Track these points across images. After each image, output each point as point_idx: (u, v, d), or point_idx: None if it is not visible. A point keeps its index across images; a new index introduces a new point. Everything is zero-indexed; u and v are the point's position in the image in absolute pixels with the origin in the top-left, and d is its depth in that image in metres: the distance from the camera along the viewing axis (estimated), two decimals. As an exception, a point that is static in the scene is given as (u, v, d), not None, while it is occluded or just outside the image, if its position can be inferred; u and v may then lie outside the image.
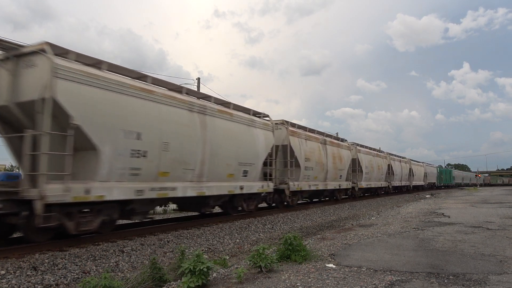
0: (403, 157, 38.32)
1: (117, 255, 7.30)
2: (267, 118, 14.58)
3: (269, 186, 14.01)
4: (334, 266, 5.39)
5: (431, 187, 52.65)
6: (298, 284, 4.52)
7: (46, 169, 6.69)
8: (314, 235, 9.58)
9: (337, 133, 23.11)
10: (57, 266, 6.30)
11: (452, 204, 18.38)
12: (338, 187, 20.52)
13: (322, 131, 19.90)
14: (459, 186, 71.17)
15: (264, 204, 16.10)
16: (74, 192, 7.11)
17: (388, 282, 4.51)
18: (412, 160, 42.07)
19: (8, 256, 6.49)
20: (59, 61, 7.04)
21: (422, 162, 48.53)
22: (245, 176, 12.44)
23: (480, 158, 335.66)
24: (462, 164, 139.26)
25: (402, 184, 35.60)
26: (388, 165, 30.73)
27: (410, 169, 38.84)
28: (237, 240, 9.74)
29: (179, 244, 8.29)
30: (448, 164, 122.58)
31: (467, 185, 78.81)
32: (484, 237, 7.78)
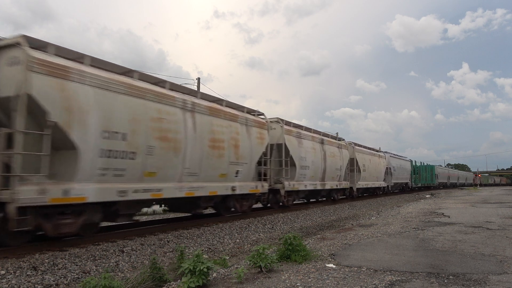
0: (336, 138, 21.82)
1: (117, 255, 7.30)
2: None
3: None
4: (334, 266, 5.39)
5: (401, 189, 37.90)
6: (298, 284, 4.52)
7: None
8: (314, 235, 9.58)
9: (337, 133, 23.06)
10: (57, 266, 6.30)
11: (452, 204, 18.38)
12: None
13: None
14: (444, 187, 57.96)
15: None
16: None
17: (388, 282, 4.51)
18: (358, 145, 25.22)
19: (8, 256, 6.49)
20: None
21: (384, 152, 31.35)
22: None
23: (481, 158, 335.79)
24: (462, 164, 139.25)
25: (325, 187, 18.95)
26: (279, 145, 15.35)
27: (352, 160, 22.75)
28: (237, 240, 9.74)
29: (179, 244, 8.29)
30: (448, 164, 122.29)
31: (455, 185, 66.55)
32: (484, 237, 7.78)
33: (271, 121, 15.24)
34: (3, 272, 5.76)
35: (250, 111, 13.60)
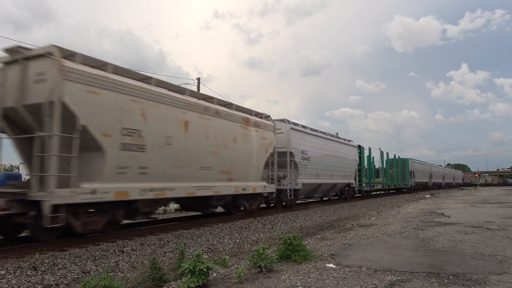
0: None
1: (117, 255, 7.30)
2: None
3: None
4: (334, 266, 5.39)
5: (338, 194, 23.44)
6: (298, 284, 4.52)
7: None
8: (314, 235, 9.58)
9: (337, 133, 23.10)
10: (57, 266, 6.30)
11: (452, 204, 18.39)
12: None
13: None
14: (424, 188, 45.64)
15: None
16: None
17: (388, 282, 4.51)
18: (127, 72, 8.88)
19: (8, 256, 6.49)
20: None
21: (280, 120, 16.63)
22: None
23: (481, 158, 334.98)
24: (462, 164, 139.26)
25: None
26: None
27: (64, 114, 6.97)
28: (237, 240, 9.74)
29: (179, 244, 8.29)
30: (448, 164, 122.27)
31: (440, 186, 54.75)
32: (484, 237, 7.78)
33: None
34: (3, 272, 5.76)
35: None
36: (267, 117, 14.88)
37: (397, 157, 36.65)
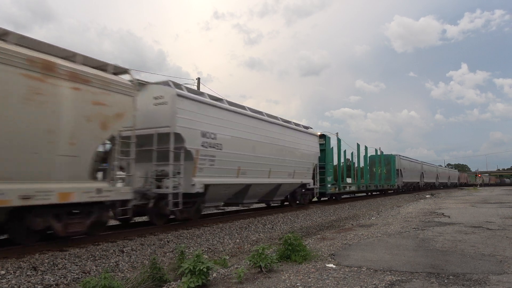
0: None
1: (117, 255, 7.30)
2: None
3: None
4: (334, 266, 5.39)
5: (286, 200, 17.47)
6: (298, 284, 4.52)
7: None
8: (314, 235, 9.58)
9: (337, 133, 22.98)
10: (57, 266, 6.30)
11: (452, 204, 18.39)
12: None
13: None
14: (415, 189, 40.63)
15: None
16: None
17: (388, 282, 4.51)
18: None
19: (8, 256, 6.49)
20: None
21: (171, 84, 10.31)
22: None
23: (481, 158, 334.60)
24: (462, 164, 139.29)
25: None
26: None
27: None
28: (237, 240, 9.74)
29: (179, 244, 8.29)
30: (448, 164, 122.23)
31: (433, 186, 49.36)
32: (484, 237, 7.78)
33: None
34: (3, 272, 5.76)
35: None
36: (122, 72, 8.52)
37: (379, 152, 31.14)
